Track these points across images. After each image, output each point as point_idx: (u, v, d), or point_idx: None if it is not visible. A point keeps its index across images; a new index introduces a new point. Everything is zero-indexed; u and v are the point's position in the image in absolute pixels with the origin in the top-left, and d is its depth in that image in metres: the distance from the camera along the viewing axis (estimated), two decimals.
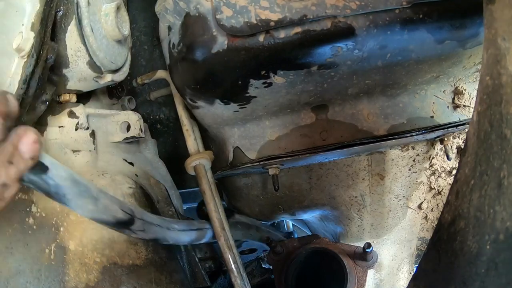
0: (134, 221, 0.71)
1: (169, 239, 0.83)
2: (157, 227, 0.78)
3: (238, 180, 1.11)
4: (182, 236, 0.87)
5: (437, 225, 0.61)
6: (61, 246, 0.82)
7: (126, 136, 1.03)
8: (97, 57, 0.87)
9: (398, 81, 0.87)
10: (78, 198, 0.60)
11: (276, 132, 0.96)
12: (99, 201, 0.62)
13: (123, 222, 0.69)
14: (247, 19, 0.71)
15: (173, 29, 0.82)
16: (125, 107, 1.18)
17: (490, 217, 0.48)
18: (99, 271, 0.82)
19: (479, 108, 0.52)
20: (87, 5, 0.84)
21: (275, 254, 1.12)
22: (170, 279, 0.92)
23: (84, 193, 0.60)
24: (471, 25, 0.74)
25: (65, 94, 0.93)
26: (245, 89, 0.82)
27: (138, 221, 0.73)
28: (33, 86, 0.77)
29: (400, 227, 1.11)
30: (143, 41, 1.34)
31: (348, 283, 1.02)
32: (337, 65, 0.77)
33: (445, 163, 1.05)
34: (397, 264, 1.14)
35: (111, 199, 0.66)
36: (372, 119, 0.92)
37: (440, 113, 0.94)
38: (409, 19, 0.71)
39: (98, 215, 0.64)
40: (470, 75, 0.93)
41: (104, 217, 0.64)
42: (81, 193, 0.60)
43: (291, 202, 1.09)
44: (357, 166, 1.02)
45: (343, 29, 0.71)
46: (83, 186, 0.60)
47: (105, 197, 0.64)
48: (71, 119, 0.93)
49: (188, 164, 1.02)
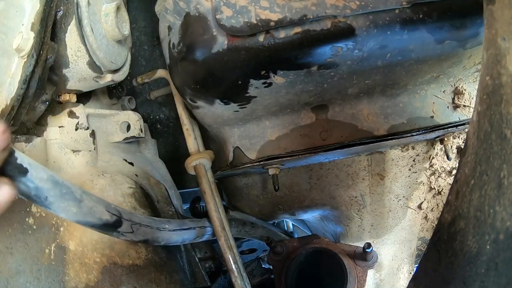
0: (122, 223, 0.69)
1: (160, 240, 0.81)
2: (147, 228, 0.76)
3: (238, 180, 1.11)
4: (173, 236, 0.85)
5: (437, 225, 0.61)
6: (61, 246, 0.82)
7: (126, 136, 1.03)
8: (97, 57, 0.87)
9: (398, 81, 0.87)
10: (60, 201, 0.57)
11: (276, 132, 0.96)
12: (83, 202, 0.60)
13: (110, 224, 0.67)
14: (247, 19, 0.71)
15: (173, 29, 0.82)
16: (125, 107, 1.18)
17: (490, 217, 0.48)
18: (99, 271, 0.82)
19: (479, 108, 0.52)
20: (87, 5, 0.84)
21: (275, 254, 1.12)
22: (170, 279, 0.92)
23: (66, 195, 0.58)
24: (471, 25, 0.74)
25: (65, 94, 0.94)
26: (245, 89, 0.82)
27: (126, 223, 0.70)
28: (33, 86, 0.77)
29: (400, 227, 1.11)
30: (143, 41, 1.34)
31: (348, 283, 1.02)
32: (337, 65, 0.77)
33: (445, 163, 1.05)
34: (397, 264, 1.14)
35: (96, 201, 0.63)
36: (372, 119, 0.92)
37: (440, 113, 0.94)
38: (409, 19, 0.71)
39: (83, 218, 0.61)
40: (470, 75, 0.93)
41: (89, 219, 0.62)
42: (63, 195, 0.57)
43: (291, 202, 1.09)
44: (357, 166, 1.02)
45: (343, 29, 0.71)
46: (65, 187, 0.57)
47: (90, 199, 0.61)
48: (71, 119, 0.93)
49: (188, 164, 1.02)
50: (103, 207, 0.65)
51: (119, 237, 0.71)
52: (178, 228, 0.88)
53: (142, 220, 0.76)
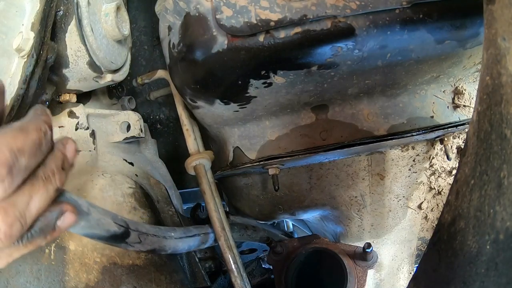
0: (130, 234, 0.69)
1: (167, 249, 0.81)
2: (153, 237, 0.76)
3: (238, 180, 1.11)
4: (179, 244, 0.85)
5: (437, 225, 0.61)
6: (61, 246, 0.82)
7: (126, 136, 1.03)
8: (97, 57, 0.87)
9: (398, 81, 0.87)
10: None
11: (276, 132, 0.96)
12: (91, 215, 0.58)
13: (118, 236, 0.66)
14: (247, 19, 0.71)
15: (173, 29, 0.81)
16: (125, 107, 1.18)
17: (490, 217, 0.48)
18: (99, 271, 0.82)
19: (479, 108, 0.52)
20: (87, 5, 0.84)
21: (275, 254, 1.11)
22: (170, 279, 0.92)
23: None
24: (471, 25, 0.74)
25: (65, 94, 0.94)
26: (245, 89, 0.82)
27: (133, 233, 0.70)
28: (33, 86, 0.77)
29: (400, 227, 1.11)
30: (143, 41, 1.34)
31: (348, 283, 1.02)
32: (337, 65, 0.77)
33: (445, 163, 1.05)
34: (397, 264, 1.14)
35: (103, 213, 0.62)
36: (372, 119, 0.92)
37: (440, 113, 0.94)
38: (409, 19, 0.71)
39: (91, 231, 0.60)
40: (470, 75, 0.93)
41: (97, 231, 0.61)
42: None
43: (291, 202, 1.08)
44: (357, 166, 1.02)
45: (343, 29, 0.71)
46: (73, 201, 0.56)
47: (97, 211, 0.60)
48: (71, 119, 0.93)
49: (189, 164, 1.02)
50: (110, 219, 0.64)
51: (127, 248, 0.70)
52: (184, 236, 0.88)
53: (148, 229, 0.76)
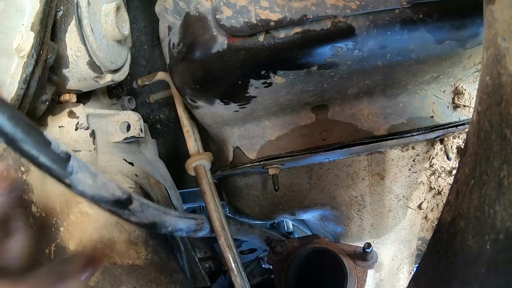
0: (133, 201, 0.70)
1: (167, 225, 0.80)
2: (155, 210, 0.77)
3: (238, 180, 1.11)
4: (179, 222, 0.85)
5: (437, 225, 0.61)
6: (61, 246, 0.82)
7: (126, 136, 1.03)
8: (97, 57, 0.87)
9: (398, 81, 0.87)
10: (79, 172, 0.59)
11: (276, 132, 0.96)
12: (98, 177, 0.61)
13: (122, 201, 0.67)
14: (247, 19, 0.71)
15: (173, 29, 0.82)
16: (125, 107, 1.18)
17: (490, 217, 0.48)
18: (99, 271, 0.82)
19: (479, 108, 0.52)
20: (87, 5, 0.84)
21: (275, 254, 1.12)
22: (170, 279, 0.92)
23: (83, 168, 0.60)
24: (471, 25, 0.74)
25: (65, 94, 0.94)
26: (245, 89, 0.82)
27: (136, 202, 0.71)
28: (33, 86, 0.77)
29: (400, 227, 1.11)
30: (143, 41, 1.34)
31: (348, 283, 1.02)
32: (337, 65, 0.77)
33: (445, 163, 1.05)
34: (397, 264, 1.14)
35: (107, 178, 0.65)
36: (372, 119, 0.92)
37: (440, 113, 0.94)
38: (409, 19, 0.71)
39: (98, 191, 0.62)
40: (470, 75, 0.93)
41: (103, 193, 0.63)
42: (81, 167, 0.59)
43: (291, 202, 1.09)
44: (357, 166, 1.02)
45: (343, 29, 0.71)
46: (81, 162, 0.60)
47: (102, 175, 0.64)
48: (71, 119, 0.93)
49: (189, 165, 1.02)
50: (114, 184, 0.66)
51: (129, 217, 0.70)
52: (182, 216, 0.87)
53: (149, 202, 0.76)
